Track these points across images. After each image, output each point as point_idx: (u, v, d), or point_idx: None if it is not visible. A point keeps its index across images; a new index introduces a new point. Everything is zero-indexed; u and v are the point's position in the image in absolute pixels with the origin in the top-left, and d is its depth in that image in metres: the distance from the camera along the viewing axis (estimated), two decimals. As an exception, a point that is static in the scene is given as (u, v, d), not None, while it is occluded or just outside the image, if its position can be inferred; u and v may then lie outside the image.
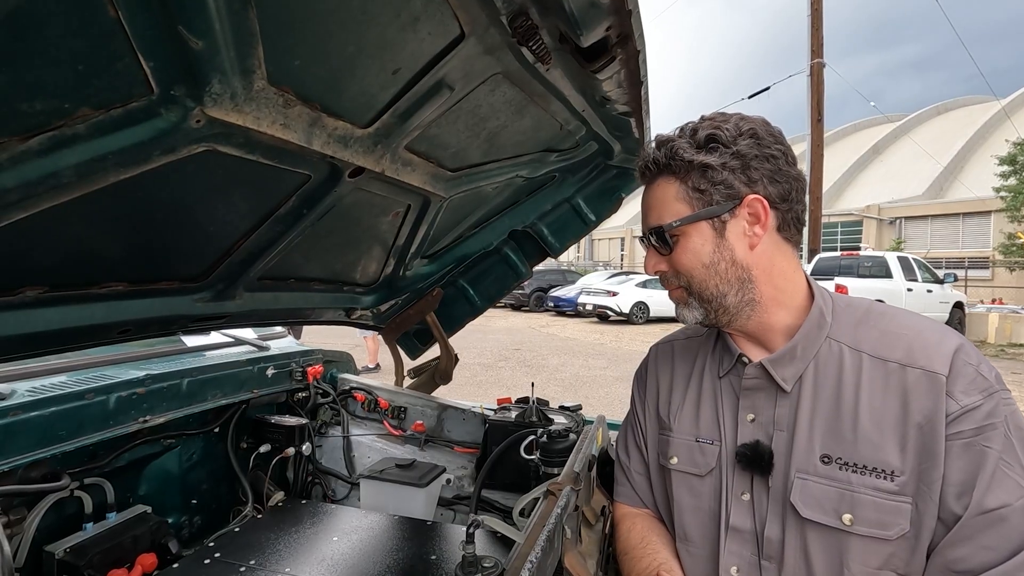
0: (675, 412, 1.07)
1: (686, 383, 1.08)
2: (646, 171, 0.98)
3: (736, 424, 0.97)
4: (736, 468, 0.95)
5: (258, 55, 0.74)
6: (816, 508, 0.85)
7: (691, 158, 0.90)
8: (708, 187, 0.91)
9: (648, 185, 0.99)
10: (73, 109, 0.66)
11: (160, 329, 1.27)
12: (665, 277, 0.99)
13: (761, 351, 0.97)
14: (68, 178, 0.73)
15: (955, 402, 0.80)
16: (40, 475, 1.20)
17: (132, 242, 1.02)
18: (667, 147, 0.93)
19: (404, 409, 1.94)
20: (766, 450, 0.91)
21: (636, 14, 0.86)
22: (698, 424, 1.02)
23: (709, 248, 0.92)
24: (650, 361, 1.20)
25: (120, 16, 0.58)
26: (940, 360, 0.83)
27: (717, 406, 1.01)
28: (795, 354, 0.92)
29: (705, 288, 0.94)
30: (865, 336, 0.90)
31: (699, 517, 0.99)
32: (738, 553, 0.93)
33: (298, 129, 0.92)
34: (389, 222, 1.53)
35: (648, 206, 0.98)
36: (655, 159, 0.95)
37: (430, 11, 0.83)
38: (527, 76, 1.08)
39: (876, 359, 0.88)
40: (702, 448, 1.00)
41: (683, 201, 0.93)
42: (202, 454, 1.64)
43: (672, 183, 0.93)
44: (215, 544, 1.25)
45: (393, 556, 1.22)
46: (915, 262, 11.77)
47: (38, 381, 1.28)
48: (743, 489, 0.94)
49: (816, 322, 0.93)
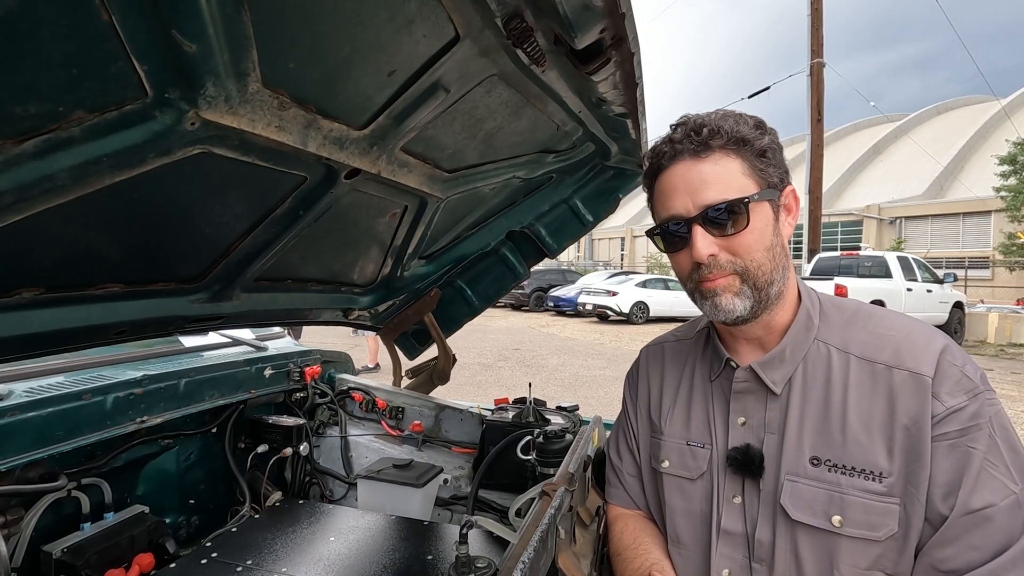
0: (666, 415, 1.07)
1: (676, 386, 1.08)
2: (710, 140, 0.87)
3: (727, 427, 0.97)
4: (727, 471, 0.95)
5: (252, 58, 0.74)
6: (806, 510, 0.85)
7: (752, 136, 0.87)
8: (767, 167, 0.88)
9: (695, 159, 0.88)
10: (67, 112, 0.66)
11: (157, 330, 1.27)
12: (715, 262, 0.88)
13: (757, 351, 0.97)
14: (63, 180, 0.73)
15: (941, 403, 0.80)
16: (37, 475, 1.20)
17: (128, 243, 1.03)
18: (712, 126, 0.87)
19: (402, 409, 1.95)
20: (757, 453, 0.91)
21: (630, 16, 0.87)
22: (689, 427, 1.03)
23: (771, 231, 0.89)
24: (641, 363, 1.20)
25: (113, 20, 0.59)
26: (926, 361, 0.83)
27: (708, 409, 1.01)
28: (784, 357, 0.92)
29: (763, 274, 0.88)
30: (853, 338, 0.91)
31: (690, 520, 0.99)
32: (729, 556, 0.93)
33: (293, 131, 0.92)
34: (386, 223, 1.53)
35: (702, 181, 0.87)
36: (715, 130, 0.87)
37: (425, 13, 0.84)
38: (523, 78, 1.08)
39: (864, 360, 0.88)
40: (693, 452, 1.00)
41: (750, 177, 0.87)
42: (200, 454, 1.64)
43: (733, 158, 0.87)
44: (212, 544, 1.25)
45: (389, 556, 1.23)
46: (915, 262, 11.76)
47: (36, 382, 1.29)
48: (734, 492, 0.94)
49: (804, 324, 0.93)
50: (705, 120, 0.89)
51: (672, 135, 0.91)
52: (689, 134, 0.88)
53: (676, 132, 0.91)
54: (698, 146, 0.88)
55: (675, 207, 0.90)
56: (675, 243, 0.92)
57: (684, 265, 0.93)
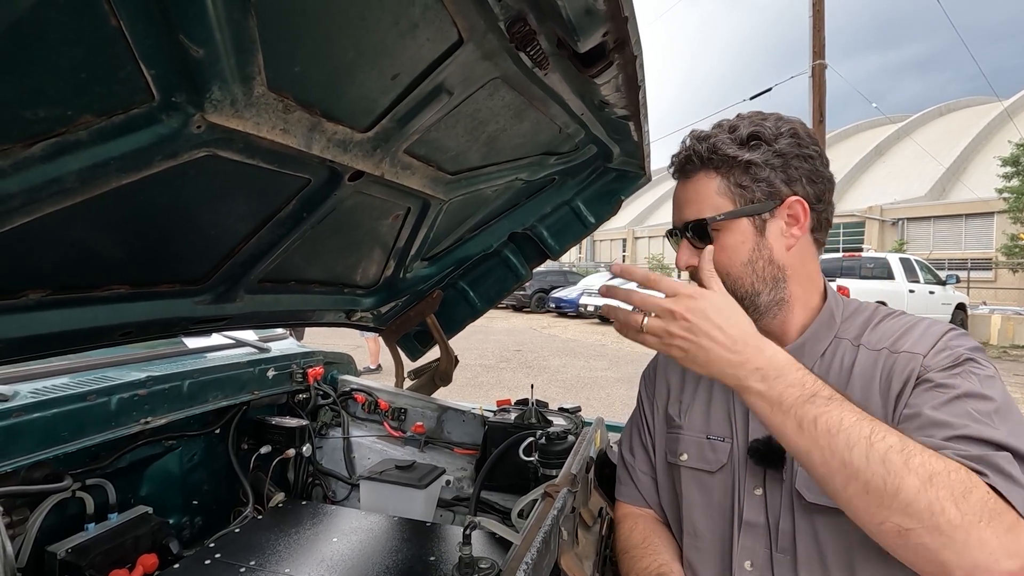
0: (685, 410, 1.08)
1: (696, 382, 1.10)
2: (685, 165, 0.97)
3: (747, 420, 0.98)
4: (748, 464, 0.96)
5: (258, 62, 0.74)
6: (820, 492, 0.86)
7: (735, 154, 0.91)
8: (750, 184, 0.92)
9: (684, 179, 0.98)
10: (76, 116, 0.67)
11: (161, 331, 1.28)
12: (694, 273, 0.96)
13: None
14: (71, 183, 0.73)
15: (922, 366, 0.83)
16: (42, 476, 1.21)
17: (134, 245, 1.03)
18: (708, 142, 0.93)
19: (404, 410, 1.95)
20: (778, 444, 0.92)
21: (632, 20, 0.87)
22: (709, 422, 1.04)
23: (749, 246, 0.93)
24: (660, 361, 1.21)
25: (121, 25, 0.59)
26: (924, 343, 0.86)
27: (729, 403, 1.02)
28: (803, 351, 0.94)
29: (740, 286, 0.93)
30: (868, 333, 0.94)
31: (709, 513, 1.00)
32: (751, 548, 0.93)
33: (298, 134, 0.93)
34: (389, 225, 1.53)
35: (685, 200, 0.97)
36: (696, 153, 0.94)
37: (428, 17, 0.84)
38: (526, 81, 1.08)
39: (871, 350, 0.91)
40: (713, 445, 1.01)
41: (725, 196, 0.93)
42: (203, 455, 1.65)
43: (713, 178, 0.94)
44: (216, 545, 1.25)
45: (392, 557, 1.23)
46: (917, 263, 11.75)
47: (41, 383, 1.29)
48: (756, 484, 0.95)
49: (826, 322, 0.96)
50: (706, 134, 0.96)
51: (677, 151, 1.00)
52: (677, 156, 0.99)
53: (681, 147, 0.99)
54: (683, 166, 0.98)
55: (673, 220, 1.02)
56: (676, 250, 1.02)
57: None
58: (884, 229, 25.98)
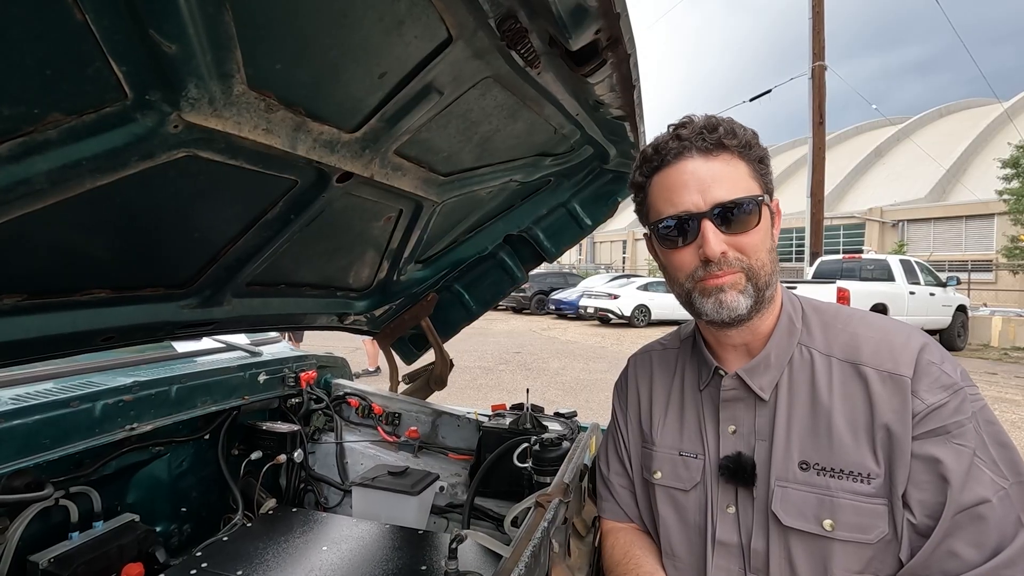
0: (657, 425, 1.06)
1: (667, 396, 1.07)
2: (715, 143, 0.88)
3: (718, 436, 0.96)
4: (720, 481, 0.94)
5: (236, 59, 0.72)
6: (797, 516, 0.84)
7: (755, 143, 0.90)
8: (765, 175, 0.92)
9: (705, 157, 0.88)
10: (43, 114, 0.64)
11: (145, 336, 1.25)
12: (724, 260, 0.87)
13: (743, 358, 0.96)
14: (40, 184, 0.71)
15: (921, 401, 0.80)
16: (23, 484, 1.18)
17: (115, 248, 1.00)
18: (725, 126, 0.89)
19: (398, 415, 1.93)
20: (748, 461, 0.90)
21: (625, 17, 0.85)
22: (681, 438, 1.01)
23: (770, 234, 0.91)
24: (629, 372, 1.18)
25: (87, 19, 0.57)
26: (905, 361, 0.83)
27: (699, 419, 1.00)
28: (769, 362, 0.92)
29: (764, 274, 0.88)
30: (834, 340, 0.91)
31: (684, 532, 0.98)
32: (725, 567, 0.91)
33: (282, 134, 0.90)
34: (381, 227, 1.51)
35: (714, 178, 0.87)
36: (730, 131, 0.88)
37: (415, 14, 0.82)
38: (518, 80, 1.06)
39: (845, 363, 0.88)
40: (686, 462, 0.99)
41: (755, 181, 0.90)
42: (192, 461, 1.62)
43: (740, 161, 0.89)
44: (203, 553, 1.23)
45: (382, 567, 1.20)
46: (917, 265, 11.70)
47: (23, 388, 1.27)
48: (728, 502, 0.93)
49: (786, 329, 0.94)
50: (719, 120, 0.90)
51: (679, 131, 0.90)
52: (701, 132, 0.88)
53: (684, 129, 0.90)
54: (711, 144, 0.87)
55: (683, 203, 0.88)
56: (677, 240, 0.90)
57: (687, 263, 0.90)
58: (884, 231, 25.98)
